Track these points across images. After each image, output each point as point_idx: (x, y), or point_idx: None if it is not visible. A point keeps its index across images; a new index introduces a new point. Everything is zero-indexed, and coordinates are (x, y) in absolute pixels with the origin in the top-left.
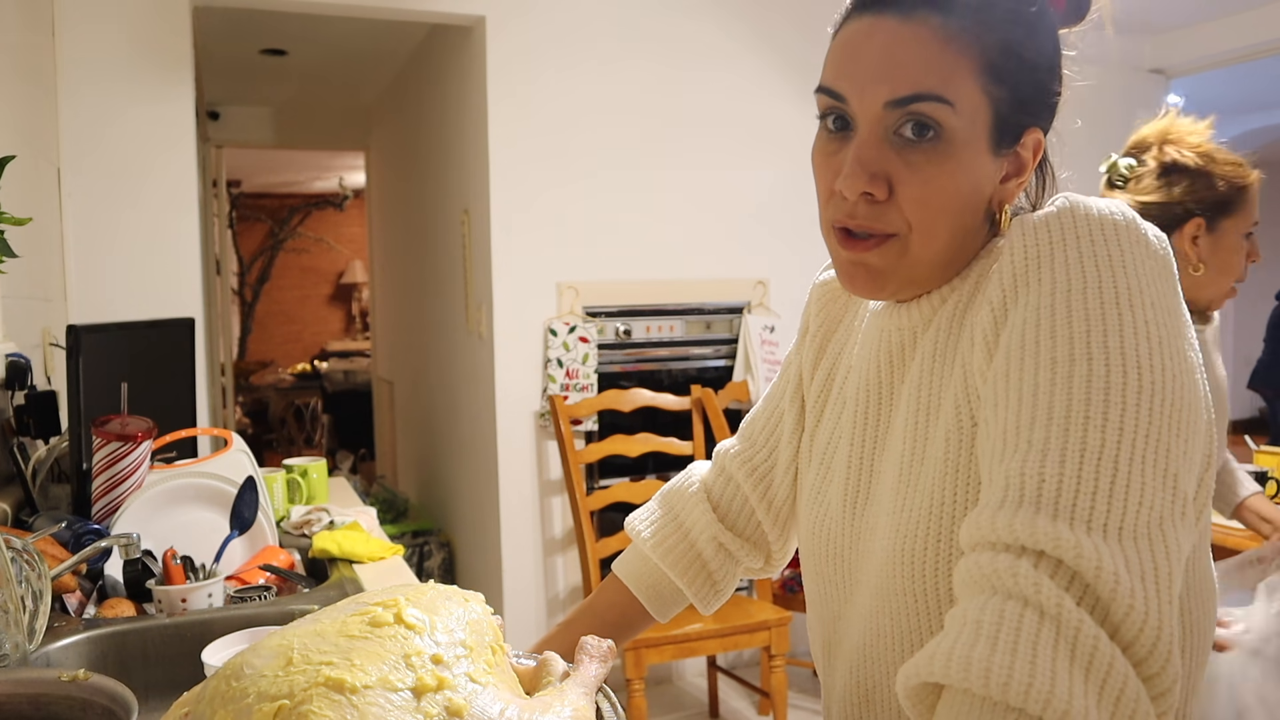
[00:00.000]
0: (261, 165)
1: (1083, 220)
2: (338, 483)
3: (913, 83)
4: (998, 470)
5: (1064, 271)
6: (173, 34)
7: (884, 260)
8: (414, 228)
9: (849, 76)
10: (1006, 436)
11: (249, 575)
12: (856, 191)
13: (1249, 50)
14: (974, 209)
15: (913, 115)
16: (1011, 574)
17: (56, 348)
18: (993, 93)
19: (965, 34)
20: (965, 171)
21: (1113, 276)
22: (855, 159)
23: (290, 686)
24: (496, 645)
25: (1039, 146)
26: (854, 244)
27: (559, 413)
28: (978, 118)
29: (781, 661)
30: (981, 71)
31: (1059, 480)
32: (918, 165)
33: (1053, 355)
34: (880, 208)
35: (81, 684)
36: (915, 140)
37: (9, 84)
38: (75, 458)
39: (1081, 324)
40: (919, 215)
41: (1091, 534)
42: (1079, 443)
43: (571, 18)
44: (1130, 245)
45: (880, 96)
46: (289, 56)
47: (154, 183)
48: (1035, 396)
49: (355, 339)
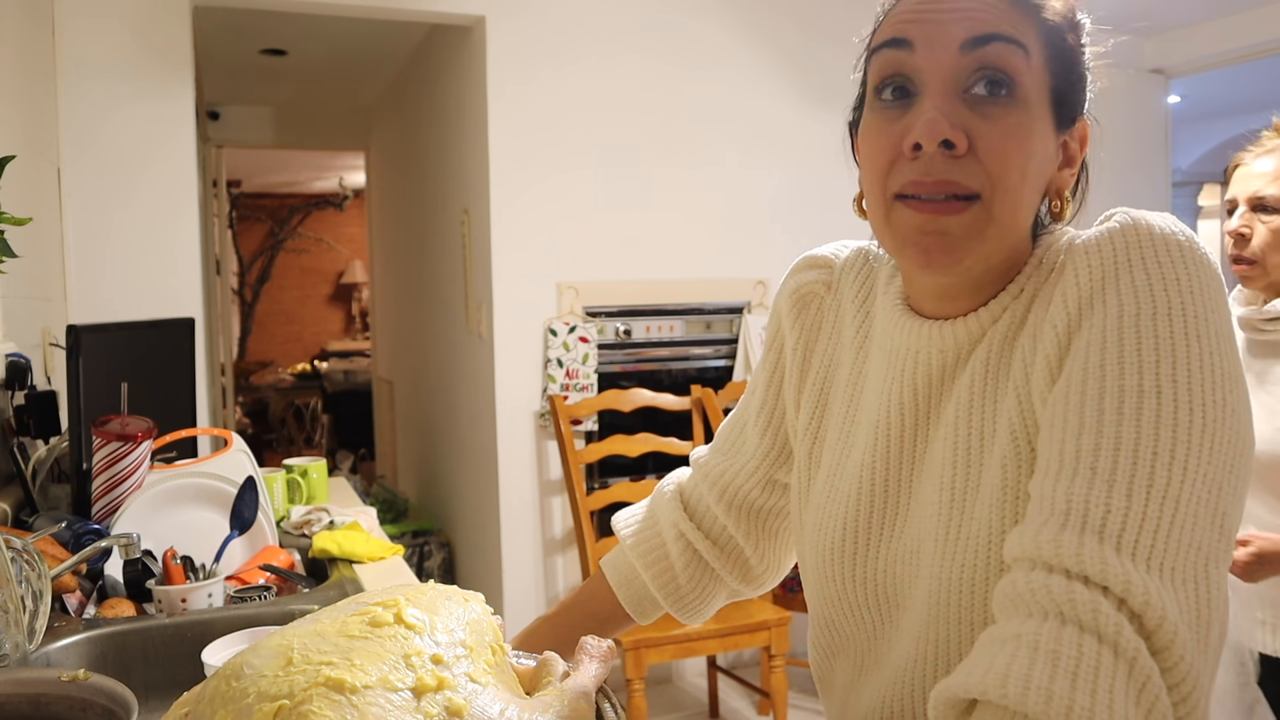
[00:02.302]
0: (261, 165)
1: (1147, 239)
2: (338, 483)
3: (990, 24)
4: (1058, 491)
5: (1132, 295)
6: (173, 33)
7: (965, 227)
8: (414, 228)
9: (920, 24)
10: (1065, 458)
11: (249, 575)
12: (938, 137)
13: (1249, 50)
14: (1042, 184)
15: (988, 62)
16: (1069, 598)
17: (56, 348)
18: (1053, 65)
19: (1033, 6)
20: (1039, 134)
21: (1181, 302)
22: (931, 112)
23: (290, 686)
24: (496, 645)
25: (1086, 138)
26: (931, 207)
27: (559, 413)
28: (1042, 85)
29: (781, 661)
30: (1047, 42)
31: (1125, 513)
32: (996, 118)
33: (1121, 383)
34: (959, 163)
35: (81, 684)
36: (990, 96)
37: (9, 84)
38: (75, 458)
39: (1151, 353)
40: (1001, 170)
41: (1150, 572)
42: (1146, 479)
43: (571, 17)
44: (1195, 268)
45: (957, 37)
46: (289, 56)
47: (154, 182)
48: (1101, 423)
49: (355, 339)
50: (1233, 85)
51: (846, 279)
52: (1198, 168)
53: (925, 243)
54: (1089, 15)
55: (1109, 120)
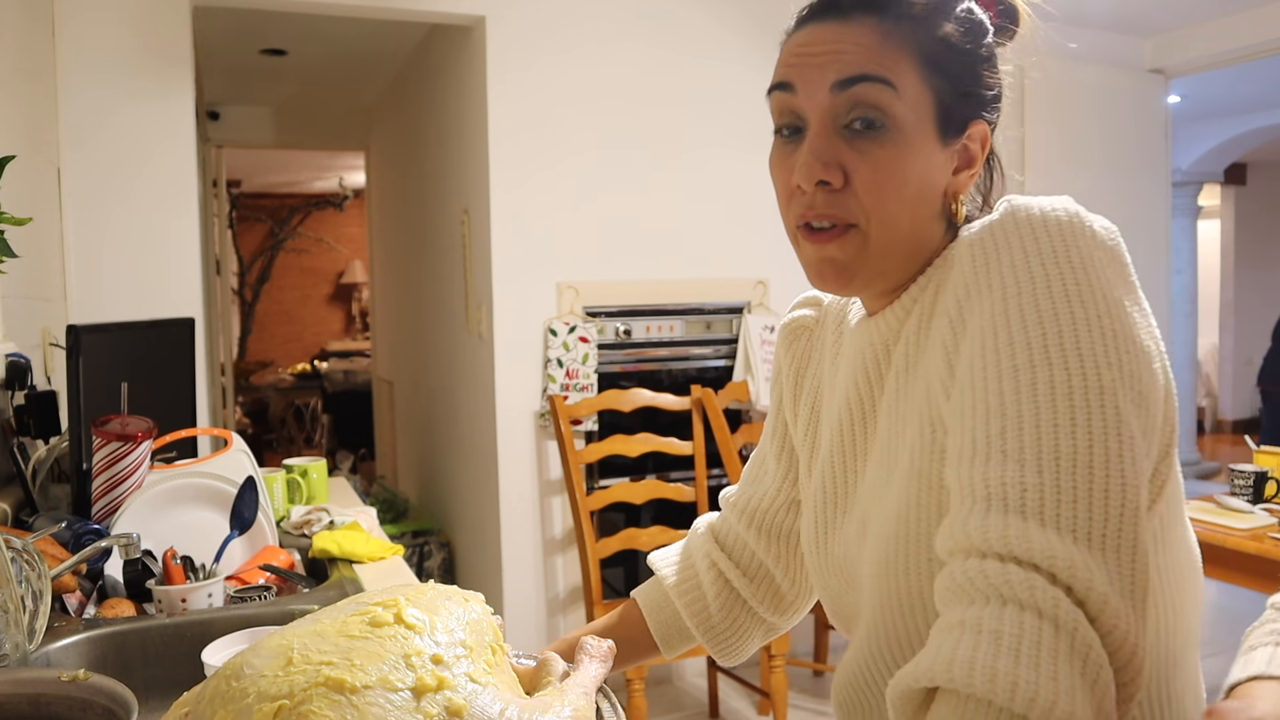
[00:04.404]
0: (261, 165)
1: (1024, 221)
2: (338, 483)
3: (857, 66)
4: (975, 477)
5: (1012, 275)
6: (173, 33)
7: (846, 252)
8: (414, 228)
9: (798, 68)
10: (977, 444)
11: (249, 575)
12: (813, 179)
13: (1249, 50)
14: (928, 198)
15: (858, 100)
16: (1004, 579)
17: (56, 348)
18: (933, 83)
19: (902, 30)
20: (915, 158)
21: (1060, 274)
22: (809, 150)
23: (290, 686)
24: (496, 645)
25: (986, 138)
26: (817, 237)
27: (559, 413)
28: (921, 106)
29: (781, 661)
30: (921, 63)
31: (1040, 489)
32: (869, 152)
33: (1014, 363)
34: (837, 196)
35: (81, 684)
36: (865, 130)
37: (9, 83)
38: (75, 458)
39: (1036, 327)
40: (875, 201)
41: (1076, 543)
42: (1052, 451)
43: (571, 18)
44: (1075, 239)
45: (827, 80)
46: (289, 56)
47: (154, 182)
48: (1003, 405)
49: (355, 339)
50: (1233, 85)
51: (832, 308)
52: (1198, 168)
53: (819, 267)
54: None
55: (1109, 120)
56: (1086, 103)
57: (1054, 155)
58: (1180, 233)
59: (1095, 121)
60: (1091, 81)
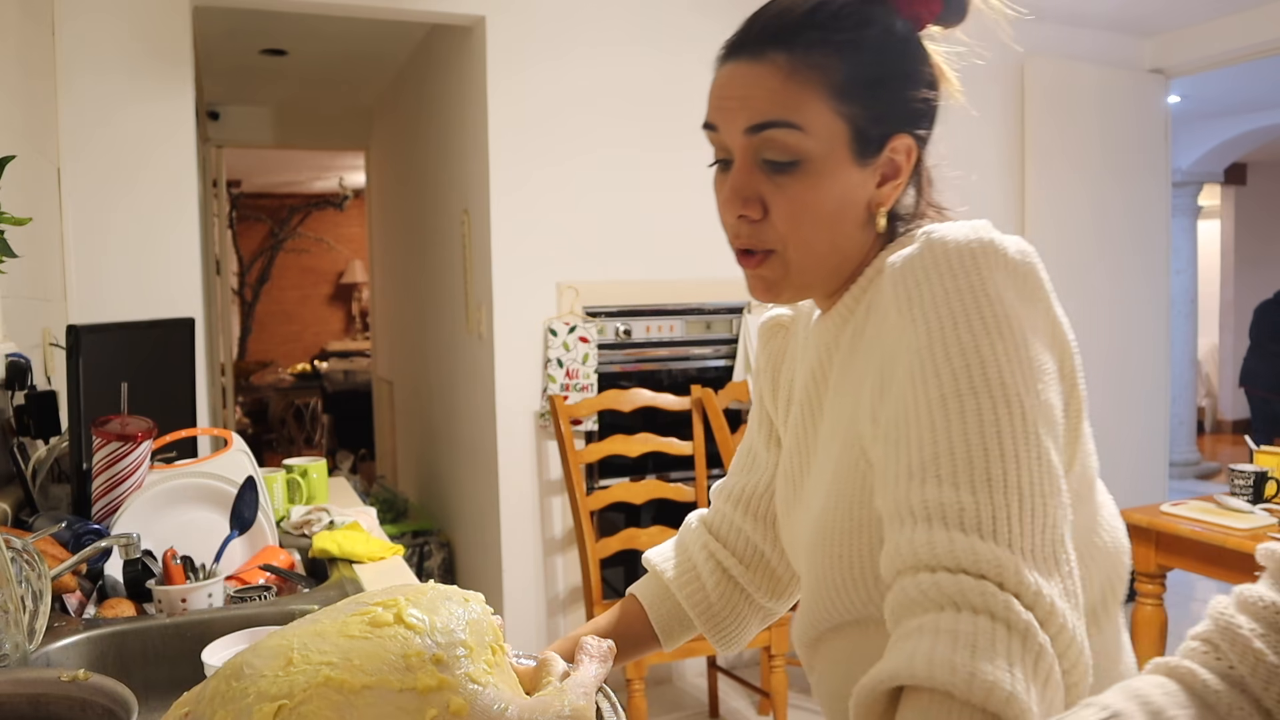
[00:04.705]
0: (261, 165)
1: (942, 255)
2: (338, 483)
3: (762, 113)
4: (914, 499)
5: (934, 311)
6: (173, 33)
7: (772, 273)
8: (414, 228)
9: (717, 112)
10: (913, 470)
11: (249, 575)
12: (733, 214)
13: (1249, 50)
14: (847, 217)
15: (768, 143)
16: (957, 588)
17: (56, 348)
18: (846, 111)
19: (808, 66)
20: (830, 187)
21: (978, 306)
22: (730, 186)
23: (290, 686)
24: (496, 645)
25: (910, 150)
26: (747, 260)
27: (559, 413)
28: (834, 136)
29: (781, 661)
30: (830, 95)
31: (976, 508)
32: (784, 186)
33: (941, 394)
34: (757, 226)
35: (81, 684)
36: (780, 166)
37: (9, 83)
38: (75, 458)
39: (960, 359)
40: (790, 231)
41: (1014, 553)
42: (984, 474)
43: (571, 17)
44: (990, 269)
45: (740, 125)
46: (289, 56)
47: (154, 182)
48: (934, 433)
49: (355, 339)
50: (1233, 85)
51: (805, 305)
52: (1198, 168)
53: (751, 284)
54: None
55: (1109, 120)
56: (1086, 103)
57: (1054, 155)
58: (1180, 233)
59: (1095, 121)
60: (1091, 81)
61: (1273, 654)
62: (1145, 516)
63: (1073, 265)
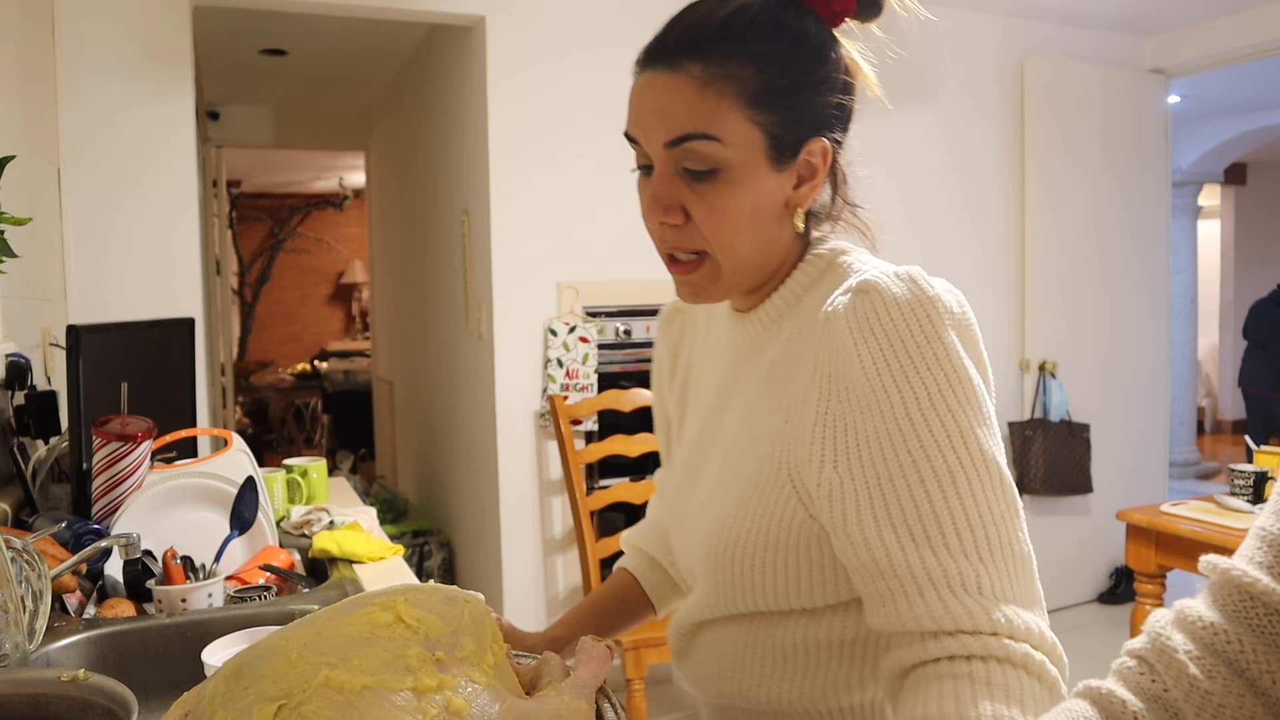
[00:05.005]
0: (261, 165)
1: (884, 315)
2: (338, 483)
3: (680, 126)
4: (913, 565)
5: (889, 375)
6: (173, 33)
7: (703, 277)
8: (414, 228)
9: (637, 124)
10: (917, 537)
11: (249, 575)
12: (656, 221)
13: (1249, 50)
14: (766, 219)
15: (687, 154)
16: (981, 645)
17: (56, 348)
18: (761, 120)
19: (724, 76)
20: (748, 192)
21: (930, 372)
22: (652, 194)
23: (290, 686)
24: (496, 645)
25: (826, 152)
26: (676, 267)
27: (559, 412)
28: (750, 143)
29: None
30: (745, 105)
31: (976, 572)
32: (704, 193)
33: (931, 466)
34: (682, 231)
35: (81, 684)
36: (699, 174)
37: (9, 83)
38: (75, 458)
39: (924, 427)
40: (713, 235)
41: (1009, 604)
42: (971, 540)
43: (571, 18)
44: (933, 326)
45: (659, 139)
46: (289, 56)
47: (154, 182)
48: (919, 508)
49: (355, 339)
50: (1233, 85)
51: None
52: (1198, 168)
53: (681, 290)
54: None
55: (1109, 120)
56: (1087, 103)
57: (1054, 155)
58: (1180, 233)
59: (1095, 121)
60: (1091, 81)
61: (1206, 680)
62: (1145, 516)
63: (1072, 265)
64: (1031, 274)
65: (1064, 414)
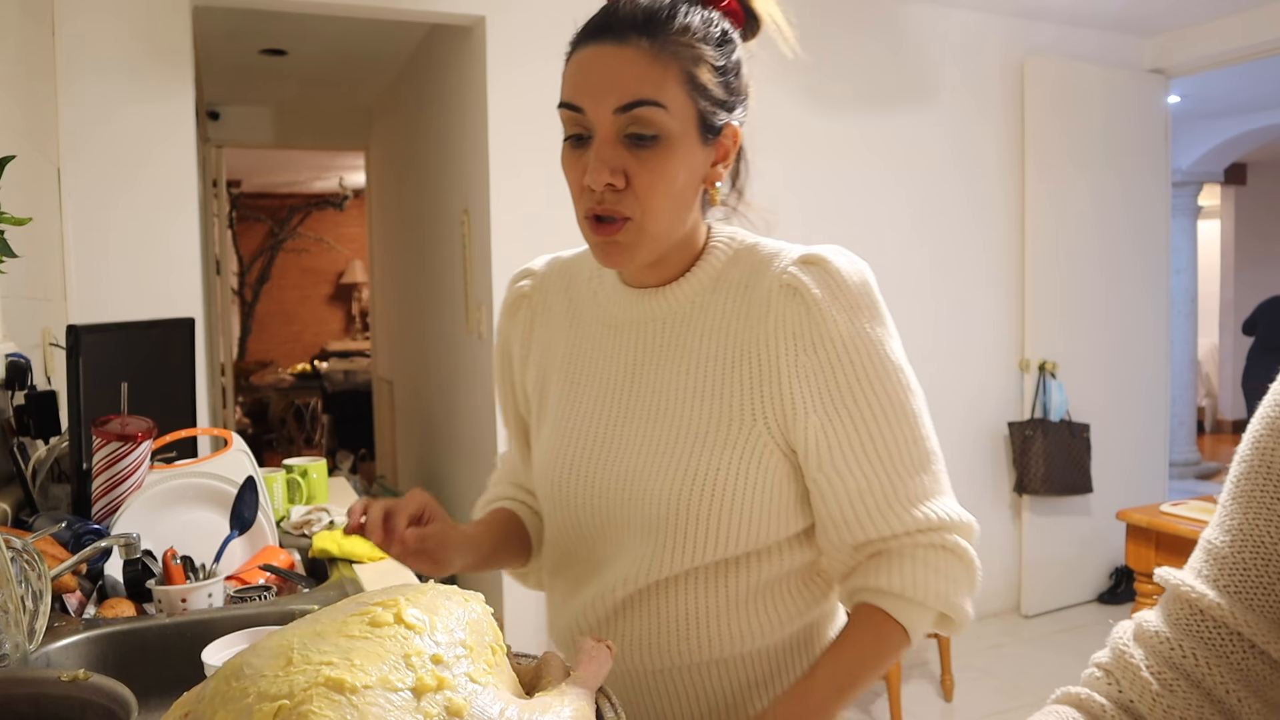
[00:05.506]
0: (261, 165)
1: (841, 280)
2: (338, 483)
3: (633, 92)
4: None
5: (855, 334)
6: (173, 33)
7: (627, 238)
8: (414, 228)
9: (585, 92)
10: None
11: (249, 575)
12: (602, 183)
13: (1249, 50)
14: (691, 190)
15: (636, 120)
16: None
17: (56, 348)
18: (694, 97)
19: (668, 52)
20: (683, 161)
21: (880, 325)
22: (598, 158)
23: (290, 686)
24: (496, 645)
25: (736, 135)
26: (603, 228)
27: None
28: (686, 117)
29: None
30: (684, 81)
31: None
32: (646, 159)
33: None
34: (621, 194)
35: (81, 684)
36: (642, 141)
37: (9, 83)
38: (75, 458)
39: (884, 369)
40: (648, 198)
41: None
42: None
43: (571, 17)
44: (872, 287)
45: (610, 105)
46: (289, 56)
47: (153, 182)
48: (908, 433)
49: (355, 339)
50: (1233, 85)
51: (550, 281)
52: (1198, 168)
53: (606, 249)
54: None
55: (1109, 120)
56: (1087, 103)
57: (1054, 155)
58: (1180, 233)
59: (1096, 121)
60: (1092, 81)
61: (1167, 693)
62: (1145, 516)
63: (1073, 265)
64: (1032, 274)
65: (1064, 414)
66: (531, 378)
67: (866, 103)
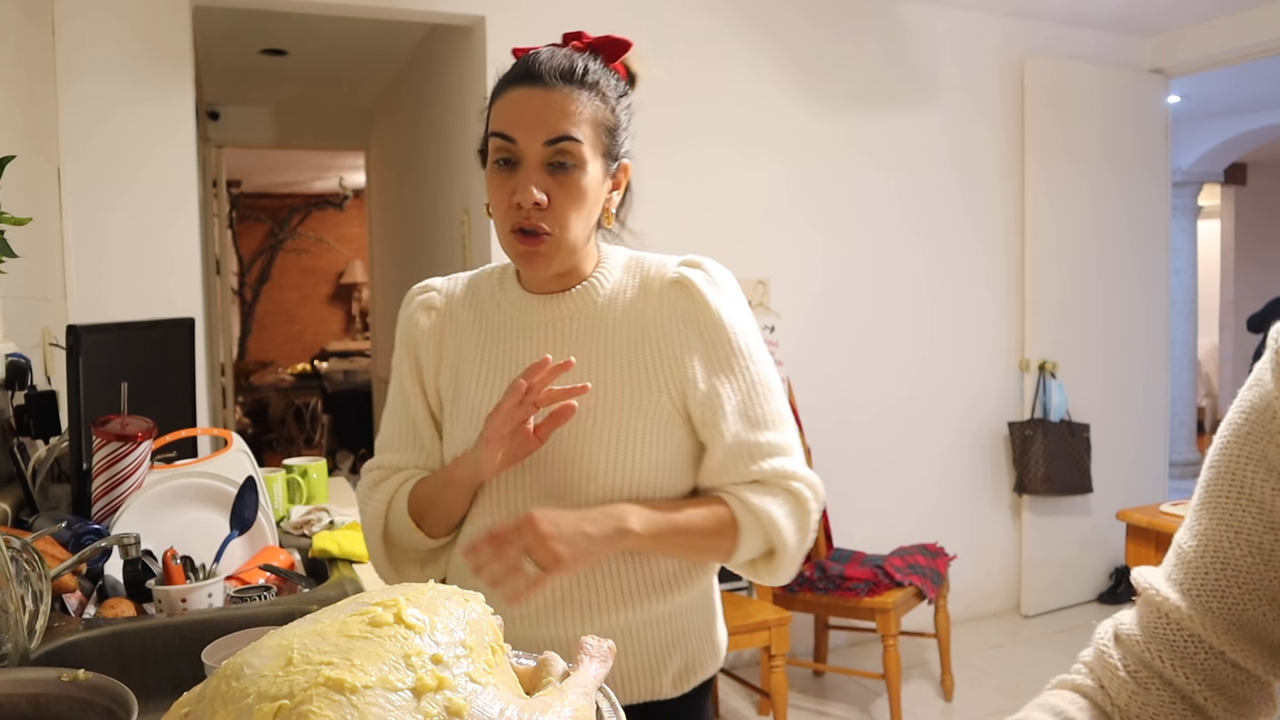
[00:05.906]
0: (261, 165)
1: (719, 279)
2: (338, 483)
3: (560, 129)
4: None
5: (733, 321)
6: (173, 33)
7: (547, 250)
8: (414, 228)
9: (518, 126)
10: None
11: (249, 575)
12: (531, 201)
13: (1249, 50)
14: (594, 212)
15: (560, 150)
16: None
17: (56, 348)
18: (601, 135)
19: (584, 97)
20: (592, 187)
21: (746, 314)
22: (528, 181)
23: (290, 686)
24: (496, 645)
25: (627, 169)
26: (529, 240)
27: None
28: (596, 151)
29: (781, 661)
30: (595, 122)
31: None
32: (565, 184)
33: (750, 371)
34: (544, 213)
35: (81, 684)
36: (563, 169)
37: (9, 83)
38: (75, 458)
39: (752, 349)
40: (565, 215)
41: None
42: (786, 420)
43: (570, 16)
44: (736, 285)
45: (541, 137)
46: (289, 56)
47: (153, 182)
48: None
49: (355, 339)
50: (1233, 85)
51: (454, 294)
52: (1198, 168)
53: (529, 259)
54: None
55: (1109, 120)
56: (1087, 103)
57: (1054, 155)
58: (1180, 233)
59: (1096, 122)
60: (1092, 81)
61: (1143, 691)
62: (1145, 516)
63: (1072, 265)
64: (1031, 274)
65: (1064, 414)
66: (445, 379)
67: (865, 103)
